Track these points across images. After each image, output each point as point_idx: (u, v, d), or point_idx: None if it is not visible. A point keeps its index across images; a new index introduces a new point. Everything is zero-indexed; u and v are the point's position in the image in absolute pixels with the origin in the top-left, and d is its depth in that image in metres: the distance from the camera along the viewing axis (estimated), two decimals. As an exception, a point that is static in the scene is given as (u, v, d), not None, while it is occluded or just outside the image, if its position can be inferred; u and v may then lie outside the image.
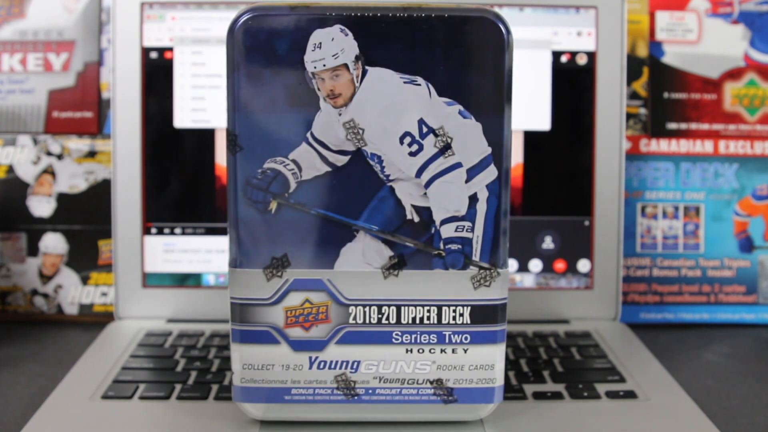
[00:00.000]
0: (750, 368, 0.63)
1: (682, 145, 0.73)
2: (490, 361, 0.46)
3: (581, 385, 0.53)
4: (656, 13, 0.73)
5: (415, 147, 0.44)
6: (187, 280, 0.66)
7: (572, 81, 0.66)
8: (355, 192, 0.44)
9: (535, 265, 0.67)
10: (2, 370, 0.61)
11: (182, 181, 0.66)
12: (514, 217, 0.66)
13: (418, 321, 0.45)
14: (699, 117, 0.73)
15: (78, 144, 0.72)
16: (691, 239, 0.73)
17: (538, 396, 0.52)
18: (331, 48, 0.42)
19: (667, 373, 0.56)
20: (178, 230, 0.66)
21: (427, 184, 0.44)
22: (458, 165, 0.44)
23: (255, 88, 0.43)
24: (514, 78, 0.44)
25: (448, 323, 0.45)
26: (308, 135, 0.44)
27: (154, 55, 0.65)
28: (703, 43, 0.73)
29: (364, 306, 0.45)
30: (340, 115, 0.44)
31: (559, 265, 0.67)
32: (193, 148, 0.66)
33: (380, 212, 0.45)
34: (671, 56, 0.73)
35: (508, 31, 0.43)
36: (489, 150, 0.44)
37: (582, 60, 0.66)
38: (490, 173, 0.44)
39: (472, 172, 0.44)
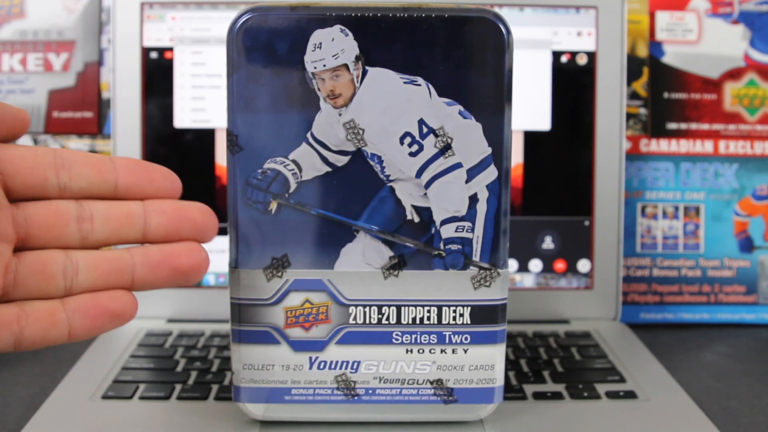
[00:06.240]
0: (750, 368, 0.62)
1: (682, 145, 0.73)
2: (490, 362, 0.46)
3: (581, 385, 0.53)
4: (656, 13, 0.73)
5: (415, 147, 0.44)
6: (187, 280, 0.66)
7: (572, 81, 0.66)
8: (355, 192, 0.44)
9: (535, 265, 0.67)
10: (2, 370, 0.60)
11: (182, 181, 0.66)
12: (514, 217, 0.66)
13: (418, 321, 0.45)
14: (699, 117, 0.73)
15: (78, 144, 0.72)
16: (691, 239, 0.73)
17: (538, 396, 0.52)
18: (331, 48, 0.42)
19: (667, 373, 0.56)
20: (178, 230, 0.66)
21: (428, 185, 0.44)
22: (458, 165, 0.44)
23: (255, 89, 0.43)
24: (514, 78, 0.43)
25: (448, 323, 0.45)
26: (308, 135, 0.44)
27: (154, 55, 0.65)
28: (703, 43, 0.73)
29: (364, 306, 0.45)
30: (340, 115, 0.43)
31: (559, 265, 0.67)
32: (193, 148, 0.66)
33: (380, 212, 0.45)
34: (671, 56, 0.73)
35: (508, 31, 0.43)
36: (489, 150, 0.44)
37: (582, 60, 0.66)
38: (490, 173, 0.44)
39: (472, 172, 0.44)
